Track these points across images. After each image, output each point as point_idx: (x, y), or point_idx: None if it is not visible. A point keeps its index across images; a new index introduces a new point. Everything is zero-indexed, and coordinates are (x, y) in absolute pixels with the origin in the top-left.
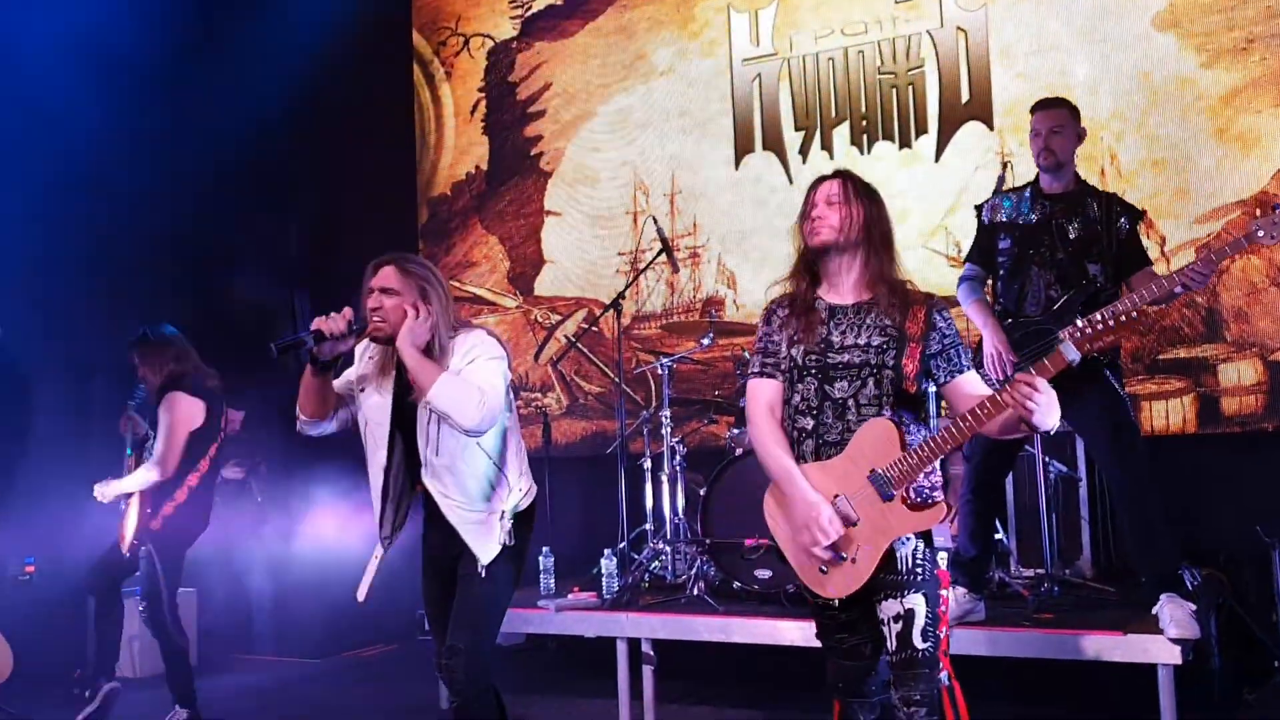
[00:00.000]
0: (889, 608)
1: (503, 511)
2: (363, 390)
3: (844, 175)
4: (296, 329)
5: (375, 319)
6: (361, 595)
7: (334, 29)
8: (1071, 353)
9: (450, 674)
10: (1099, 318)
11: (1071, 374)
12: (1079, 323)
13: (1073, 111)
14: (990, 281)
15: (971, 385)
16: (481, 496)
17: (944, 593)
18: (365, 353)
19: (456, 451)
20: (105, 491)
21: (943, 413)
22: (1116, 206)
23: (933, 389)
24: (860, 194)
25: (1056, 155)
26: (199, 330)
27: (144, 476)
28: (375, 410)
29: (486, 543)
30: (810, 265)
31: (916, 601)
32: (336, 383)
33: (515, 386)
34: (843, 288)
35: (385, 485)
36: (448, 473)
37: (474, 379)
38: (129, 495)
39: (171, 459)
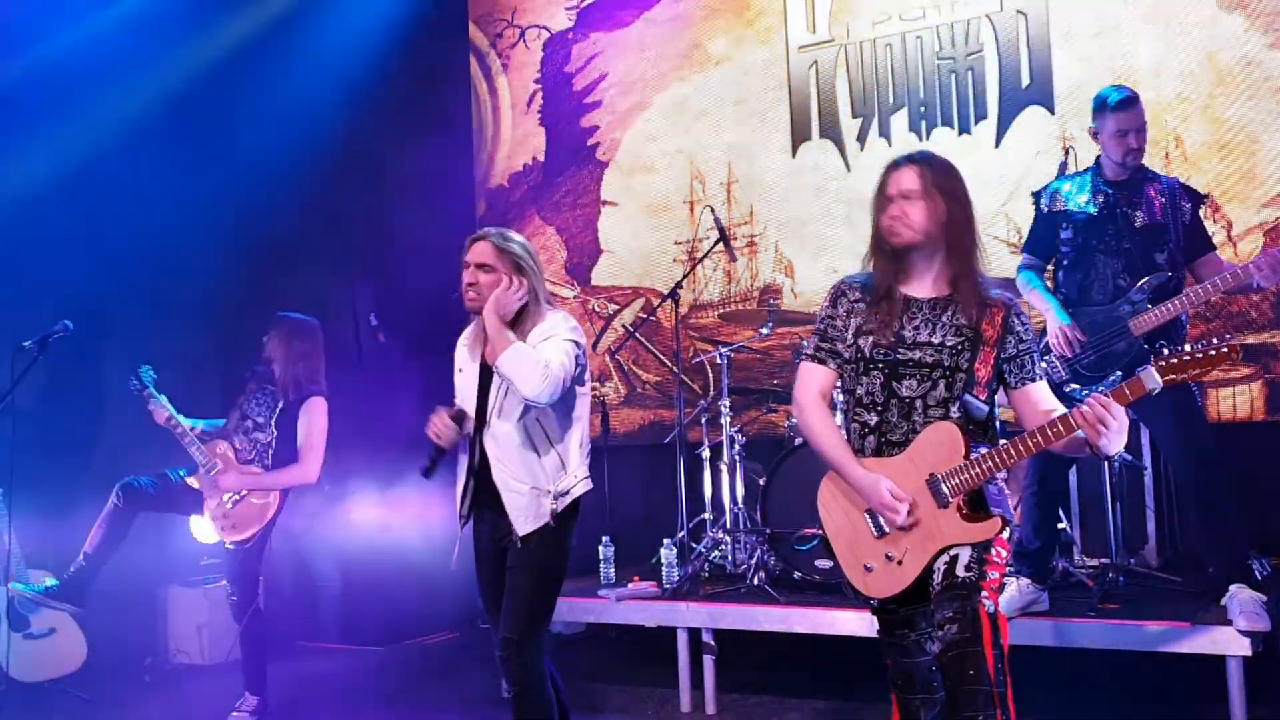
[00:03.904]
0: (940, 564)
1: (550, 491)
2: (460, 371)
3: (921, 161)
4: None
5: (470, 294)
6: (454, 563)
7: (391, 23)
8: (1153, 381)
9: (506, 665)
10: (1189, 351)
11: (1136, 360)
12: (1165, 352)
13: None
14: (1050, 270)
15: (1040, 396)
16: (532, 469)
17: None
18: (462, 340)
19: (517, 420)
20: (229, 483)
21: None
22: (1180, 191)
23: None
24: (940, 182)
25: (1142, 150)
26: (260, 325)
27: (290, 478)
28: (465, 388)
29: (526, 515)
30: (889, 252)
31: (963, 549)
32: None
33: (591, 376)
34: (923, 280)
35: (470, 460)
36: (506, 438)
37: (544, 354)
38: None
39: (317, 463)
